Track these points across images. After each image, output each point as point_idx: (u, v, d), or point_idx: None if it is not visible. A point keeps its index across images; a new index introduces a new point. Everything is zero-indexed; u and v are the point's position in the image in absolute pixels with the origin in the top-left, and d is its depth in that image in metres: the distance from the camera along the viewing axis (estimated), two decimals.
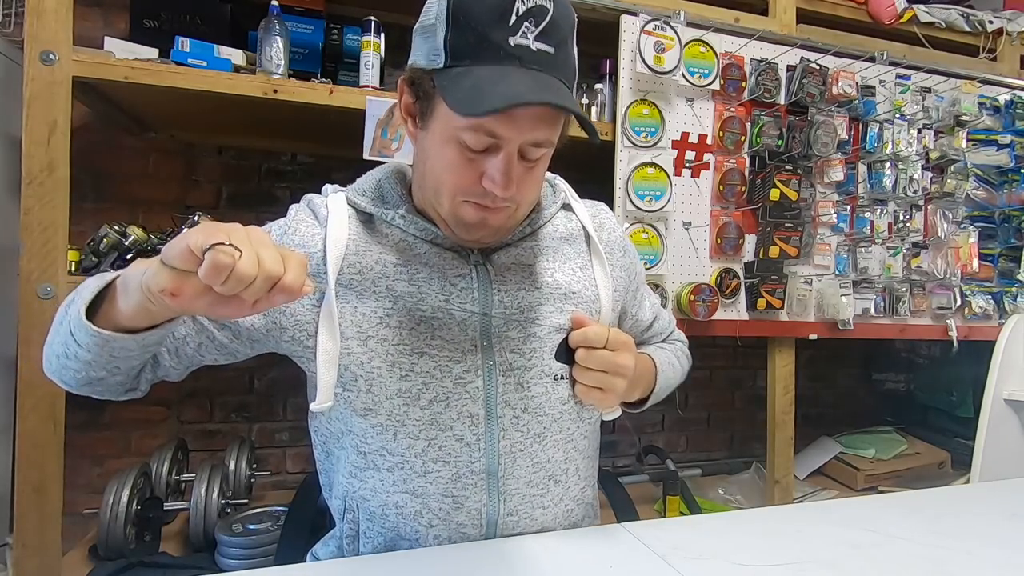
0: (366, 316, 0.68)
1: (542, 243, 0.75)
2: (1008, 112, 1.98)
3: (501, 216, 0.68)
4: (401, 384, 0.67)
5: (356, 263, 0.69)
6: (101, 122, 1.66)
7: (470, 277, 0.70)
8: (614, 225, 0.83)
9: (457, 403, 0.67)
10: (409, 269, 0.69)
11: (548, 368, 0.71)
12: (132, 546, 1.31)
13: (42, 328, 1.19)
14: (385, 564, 0.66)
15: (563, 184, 0.82)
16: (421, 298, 0.68)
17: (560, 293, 0.73)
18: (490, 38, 0.58)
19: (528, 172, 0.66)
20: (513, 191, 0.64)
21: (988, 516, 0.81)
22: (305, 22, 1.54)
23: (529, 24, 0.58)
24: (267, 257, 0.46)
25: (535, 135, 0.63)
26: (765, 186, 1.69)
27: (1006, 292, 1.99)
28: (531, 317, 0.70)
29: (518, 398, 0.69)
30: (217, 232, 0.45)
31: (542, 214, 0.77)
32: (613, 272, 0.79)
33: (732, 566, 0.63)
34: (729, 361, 2.42)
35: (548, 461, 0.72)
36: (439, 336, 0.68)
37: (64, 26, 1.20)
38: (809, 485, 2.11)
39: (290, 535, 0.88)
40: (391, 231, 0.72)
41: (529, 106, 0.59)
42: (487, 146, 0.63)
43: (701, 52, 1.64)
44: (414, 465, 0.68)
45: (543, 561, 0.65)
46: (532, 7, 0.58)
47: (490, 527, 0.71)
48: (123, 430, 1.74)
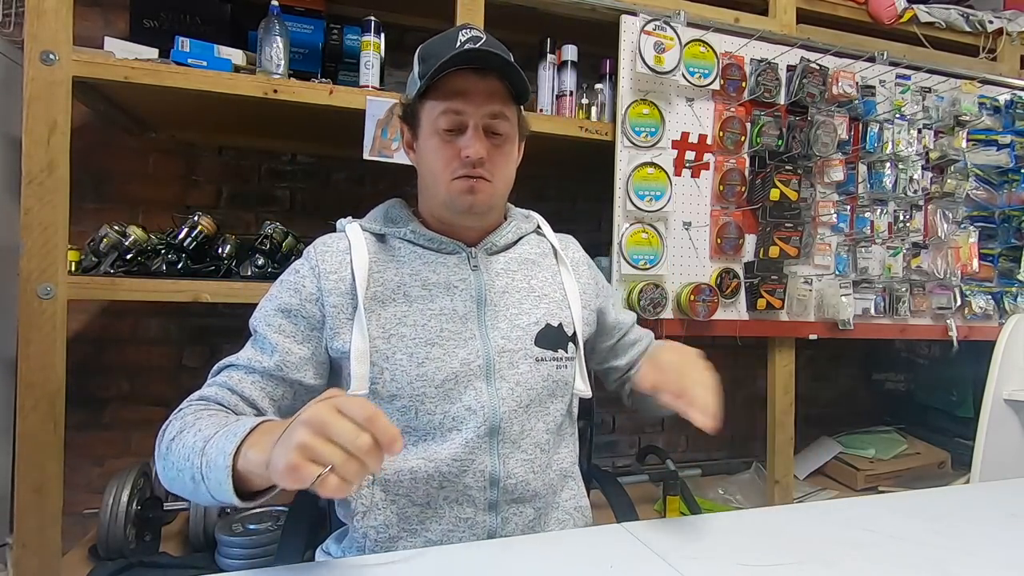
0: (388, 319, 0.82)
1: (521, 256, 0.92)
2: (1008, 112, 1.98)
3: (484, 191, 0.82)
4: (419, 370, 0.80)
5: (379, 278, 0.84)
6: (101, 122, 1.66)
7: (468, 280, 0.85)
8: (577, 248, 1.01)
9: (464, 379, 0.81)
10: (420, 276, 0.84)
11: (530, 351, 0.85)
12: (132, 546, 1.32)
13: (42, 328, 1.19)
14: (386, 564, 0.66)
15: (537, 217, 1.00)
16: (431, 299, 0.83)
17: (535, 295, 0.89)
18: (442, 54, 0.79)
19: (497, 149, 0.83)
20: (483, 154, 0.80)
21: (988, 516, 0.81)
22: (305, 22, 1.54)
23: (470, 43, 0.80)
24: (358, 444, 0.52)
25: (490, 107, 0.80)
26: (765, 186, 1.69)
27: (1006, 292, 1.99)
28: (515, 312, 0.86)
29: (511, 373, 0.83)
30: (316, 448, 0.51)
31: (521, 227, 0.93)
32: (580, 280, 0.95)
33: (732, 566, 0.63)
34: (729, 361, 2.42)
35: (533, 430, 0.84)
36: (446, 328, 0.82)
37: (64, 26, 1.20)
38: (809, 485, 2.11)
39: (290, 535, 0.89)
40: (403, 245, 0.87)
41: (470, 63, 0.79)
42: (457, 125, 0.80)
43: (701, 52, 1.64)
44: (434, 436, 0.80)
45: (543, 561, 0.65)
46: (471, 37, 0.81)
47: (493, 488, 0.81)
48: (123, 430, 1.74)
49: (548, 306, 0.89)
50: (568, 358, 0.88)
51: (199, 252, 1.44)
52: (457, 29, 0.83)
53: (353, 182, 1.90)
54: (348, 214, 0.92)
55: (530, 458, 0.84)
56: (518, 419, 0.83)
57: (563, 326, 0.89)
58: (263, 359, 0.78)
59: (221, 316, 1.84)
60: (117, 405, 1.74)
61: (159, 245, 1.41)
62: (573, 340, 0.89)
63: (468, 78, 0.79)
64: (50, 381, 1.19)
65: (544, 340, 0.86)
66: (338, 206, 1.89)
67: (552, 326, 0.87)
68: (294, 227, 1.57)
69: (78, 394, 1.50)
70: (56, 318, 1.20)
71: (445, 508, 0.80)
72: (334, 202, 1.90)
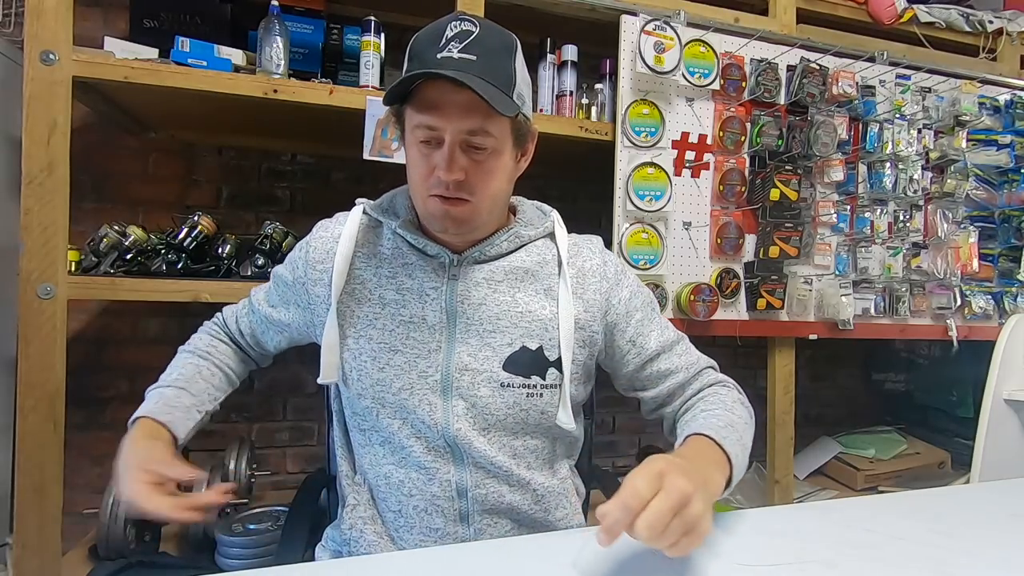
0: (360, 318, 0.81)
1: (512, 267, 0.83)
2: (1008, 112, 1.98)
3: (462, 209, 0.76)
4: (379, 375, 0.79)
5: (359, 275, 0.83)
6: (101, 122, 1.66)
7: (441, 289, 0.80)
8: (592, 254, 0.87)
9: (419, 392, 0.78)
10: (397, 280, 0.82)
11: (494, 375, 0.78)
12: (132, 546, 1.31)
13: (42, 328, 1.19)
14: (384, 564, 0.66)
15: (556, 216, 0.89)
16: (404, 304, 0.81)
17: (518, 311, 0.80)
18: (424, 56, 0.72)
19: (477, 165, 0.75)
20: (458, 176, 0.73)
21: (988, 516, 0.81)
22: (305, 22, 1.54)
23: (455, 43, 0.71)
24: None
25: (465, 124, 0.72)
26: (765, 186, 1.69)
27: (1006, 292, 1.99)
28: (488, 329, 0.79)
29: (469, 394, 0.78)
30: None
31: (522, 234, 0.84)
32: (585, 295, 0.83)
33: (732, 566, 0.62)
34: (729, 361, 2.40)
35: (497, 457, 0.79)
36: (412, 336, 0.80)
37: (64, 26, 1.20)
38: (809, 485, 2.11)
39: (290, 535, 0.89)
40: (392, 239, 0.84)
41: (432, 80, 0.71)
42: (431, 138, 0.74)
43: (701, 52, 1.64)
44: (399, 439, 0.80)
45: (543, 561, 0.65)
46: (459, 32, 0.72)
47: (461, 498, 0.79)
48: (123, 430, 1.73)
49: (529, 325, 0.80)
50: (546, 386, 0.79)
51: (199, 252, 1.44)
52: (447, 20, 0.73)
53: (353, 182, 1.90)
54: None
55: (498, 475, 0.80)
56: (477, 442, 0.78)
57: (543, 350, 0.80)
58: (244, 318, 0.95)
59: None
60: (117, 405, 1.74)
61: (159, 245, 1.41)
62: (557, 366, 0.80)
63: (444, 89, 0.71)
64: (50, 381, 1.19)
65: (514, 365, 0.79)
66: (338, 206, 1.88)
67: (529, 349, 0.79)
68: (294, 227, 1.57)
69: (78, 394, 1.50)
70: (56, 318, 1.20)
71: (415, 518, 0.80)
72: (334, 202, 1.87)
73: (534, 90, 1.69)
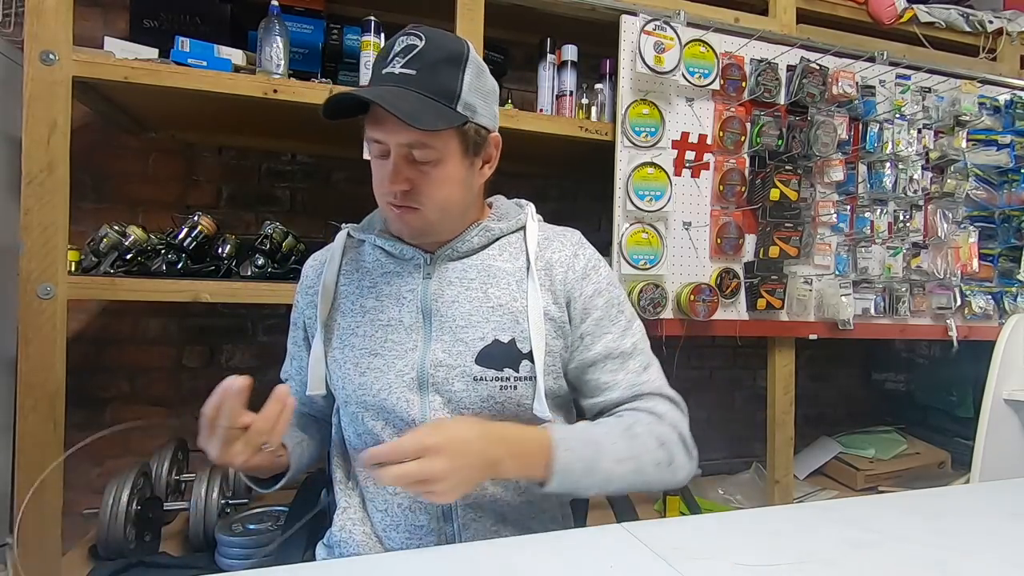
0: (343, 329, 0.85)
1: (483, 263, 0.85)
2: (1008, 112, 1.98)
3: (412, 216, 0.80)
4: (360, 379, 0.82)
5: (343, 291, 0.88)
6: (101, 122, 1.66)
7: (416, 290, 0.83)
8: (562, 246, 0.87)
9: (396, 390, 0.80)
10: (376, 288, 0.86)
11: (469, 370, 0.80)
12: (132, 546, 1.31)
13: (42, 328, 1.19)
14: (383, 564, 0.66)
15: (531, 210, 0.91)
16: (382, 310, 0.84)
17: (489, 306, 0.82)
18: (374, 70, 0.78)
19: (423, 175, 0.77)
20: (403, 186, 0.77)
21: (988, 516, 0.81)
22: (305, 22, 1.54)
23: (399, 58, 0.76)
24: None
25: (403, 138, 0.75)
26: (765, 186, 1.69)
27: (1006, 292, 1.99)
28: (461, 325, 0.81)
29: (444, 389, 0.80)
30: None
31: (492, 228, 0.86)
32: (553, 287, 0.84)
33: (732, 566, 0.62)
34: (729, 361, 2.42)
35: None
36: (391, 339, 0.82)
37: (64, 26, 1.20)
38: (809, 485, 2.11)
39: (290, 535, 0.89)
40: (372, 252, 0.89)
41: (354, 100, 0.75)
42: (381, 152, 0.78)
43: (701, 52, 1.64)
44: (383, 440, 0.81)
45: (543, 561, 0.65)
46: (404, 46, 0.76)
47: None
48: (123, 430, 1.74)
49: (501, 319, 0.81)
50: (520, 378, 0.80)
51: (199, 252, 1.44)
52: (399, 35, 0.77)
53: (353, 182, 1.90)
54: (348, 214, 0.94)
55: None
56: None
57: (516, 342, 0.80)
58: (287, 367, 0.97)
59: (221, 316, 1.84)
60: (117, 405, 1.74)
61: (159, 245, 1.41)
62: (530, 358, 0.80)
63: None
64: (50, 381, 1.19)
65: (487, 358, 0.79)
66: (338, 206, 1.89)
67: (501, 342, 0.80)
68: (294, 227, 1.57)
69: (78, 394, 1.50)
70: (56, 318, 1.20)
71: (401, 516, 0.81)
72: (334, 202, 1.90)
73: (534, 90, 1.69)
